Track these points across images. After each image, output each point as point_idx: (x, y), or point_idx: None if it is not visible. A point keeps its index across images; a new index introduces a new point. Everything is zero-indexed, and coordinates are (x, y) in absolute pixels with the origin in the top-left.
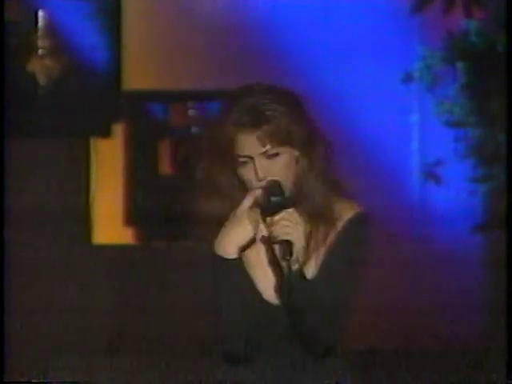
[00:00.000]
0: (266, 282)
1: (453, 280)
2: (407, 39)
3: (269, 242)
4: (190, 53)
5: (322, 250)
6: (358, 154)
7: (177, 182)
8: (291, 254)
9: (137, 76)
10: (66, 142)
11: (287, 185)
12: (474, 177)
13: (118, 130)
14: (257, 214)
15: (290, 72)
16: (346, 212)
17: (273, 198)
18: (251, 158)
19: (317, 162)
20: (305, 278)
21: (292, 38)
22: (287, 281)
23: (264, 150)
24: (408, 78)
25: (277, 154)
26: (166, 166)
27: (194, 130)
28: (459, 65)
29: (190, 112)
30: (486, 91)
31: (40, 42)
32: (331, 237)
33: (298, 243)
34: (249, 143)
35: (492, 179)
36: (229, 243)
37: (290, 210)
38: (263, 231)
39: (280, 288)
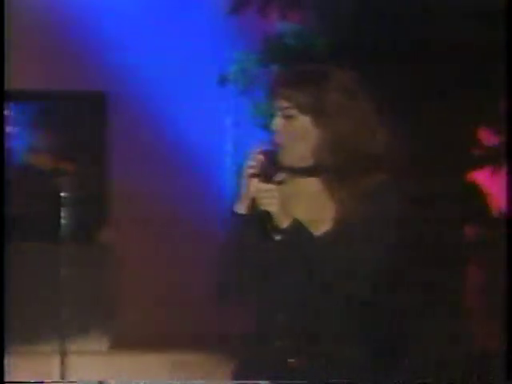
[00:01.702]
0: None
1: None
2: (222, 42)
3: (253, 206)
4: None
5: (341, 212)
6: (172, 156)
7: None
8: (271, 221)
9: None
10: None
11: (299, 152)
12: None
13: None
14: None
15: (101, 74)
16: (368, 179)
17: (265, 169)
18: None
19: (338, 135)
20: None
21: (106, 40)
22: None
23: (283, 106)
24: (223, 81)
25: (291, 117)
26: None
27: None
28: (274, 67)
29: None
30: None
31: None
32: (352, 199)
33: (275, 212)
34: (281, 97)
35: None
36: (238, 198)
37: (279, 179)
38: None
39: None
